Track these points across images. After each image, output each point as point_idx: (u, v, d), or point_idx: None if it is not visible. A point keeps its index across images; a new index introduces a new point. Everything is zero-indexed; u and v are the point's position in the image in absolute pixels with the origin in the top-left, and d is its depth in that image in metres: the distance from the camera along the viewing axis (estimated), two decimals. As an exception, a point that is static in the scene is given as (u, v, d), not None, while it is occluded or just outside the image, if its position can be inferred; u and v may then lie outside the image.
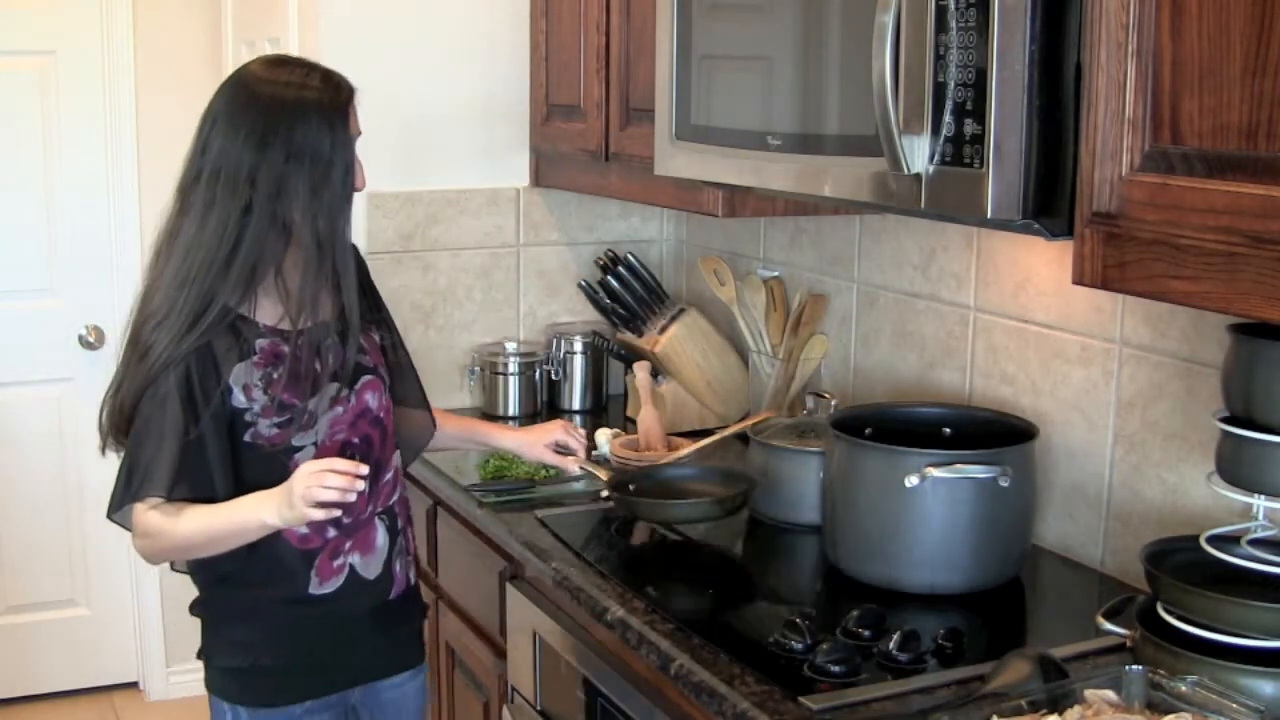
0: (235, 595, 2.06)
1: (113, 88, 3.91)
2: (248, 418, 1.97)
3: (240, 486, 1.96)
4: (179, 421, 1.93)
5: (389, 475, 2.13)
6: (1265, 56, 1.34)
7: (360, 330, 2.06)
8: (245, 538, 1.94)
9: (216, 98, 2.07)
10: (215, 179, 1.96)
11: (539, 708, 2.30)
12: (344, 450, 2.02)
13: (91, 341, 4.00)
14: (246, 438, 1.97)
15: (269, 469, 1.96)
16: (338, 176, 1.97)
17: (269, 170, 1.94)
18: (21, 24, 3.81)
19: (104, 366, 4.00)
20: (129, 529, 2.00)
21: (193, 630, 2.15)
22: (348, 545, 2.05)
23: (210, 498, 1.95)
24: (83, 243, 3.95)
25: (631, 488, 2.33)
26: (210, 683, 2.11)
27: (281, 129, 1.94)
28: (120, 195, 3.96)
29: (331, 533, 2.03)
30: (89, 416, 3.95)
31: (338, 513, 1.89)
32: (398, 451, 2.16)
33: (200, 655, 2.13)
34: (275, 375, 1.97)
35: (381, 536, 2.09)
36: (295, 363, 1.98)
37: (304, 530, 2.00)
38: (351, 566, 2.06)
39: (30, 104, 3.86)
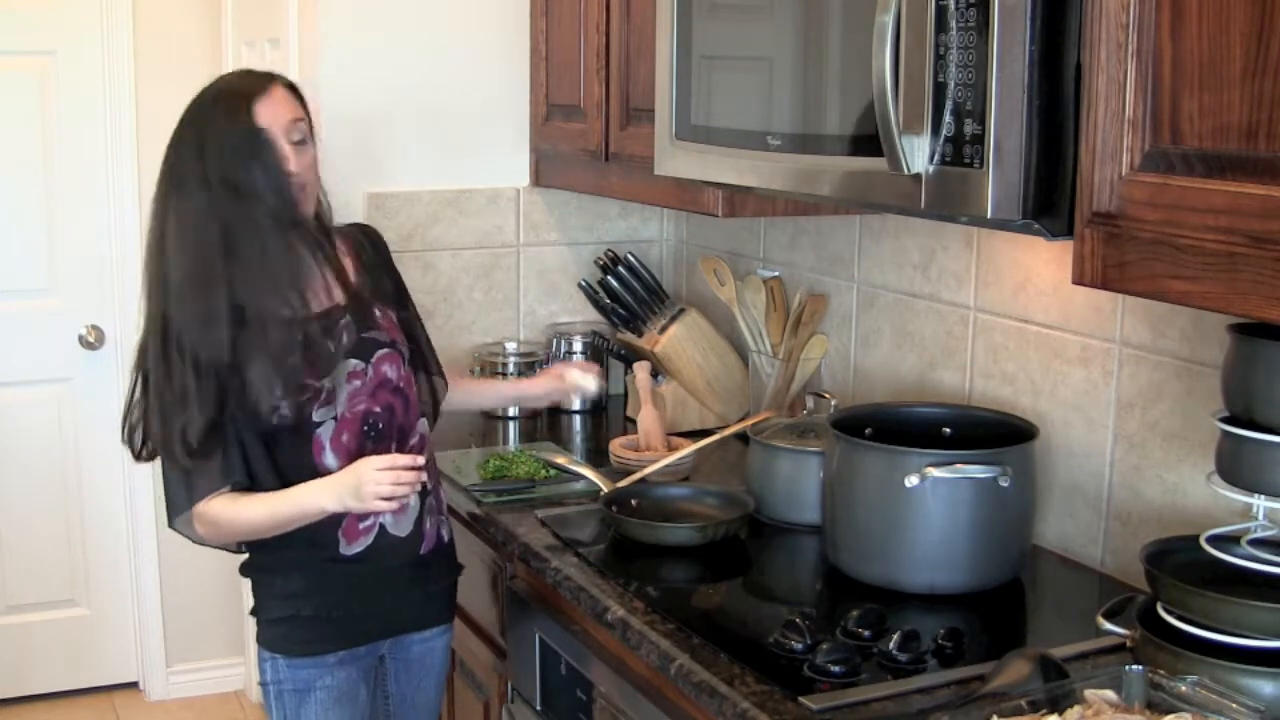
0: (277, 554, 2.17)
1: (113, 88, 3.90)
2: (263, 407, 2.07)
3: (274, 464, 2.10)
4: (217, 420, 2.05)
5: (415, 439, 2.24)
6: (1265, 56, 1.34)
7: (378, 307, 2.21)
8: (306, 520, 2.10)
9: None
10: (169, 183, 2.11)
11: (539, 708, 2.30)
12: (366, 419, 2.14)
13: (91, 341, 4.00)
14: (274, 420, 2.07)
15: (296, 444, 2.10)
16: (258, 161, 2.04)
17: (204, 166, 2.05)
18: (21, 24, 3.81)
19: (104, 366, 4.02)
20: (189, 534, 2.13)
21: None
22: None
23: (254, 481, 2.09)
24: (83, 243, 3.95)
25: (631, 504, 2.35)
26: (259, 636, 2.25)
27: (194, 127, 2.09)
28: (120, 195, 3.95)
29: None
30: (89, 416, 4.02)
31: (397, 506, 2.09)
32: (423, 419, 2.28)
33: (252, 612, 2.27)
34: (291, 361, 2.07)
35: (412, 497, 2.16)
36: (309, 348, 2.08)
37: None
38: (382, 526, 2.17)
39: (30, 104, 3.86)
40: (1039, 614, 2.10)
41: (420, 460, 2.08)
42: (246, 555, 2.23)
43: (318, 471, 2.11)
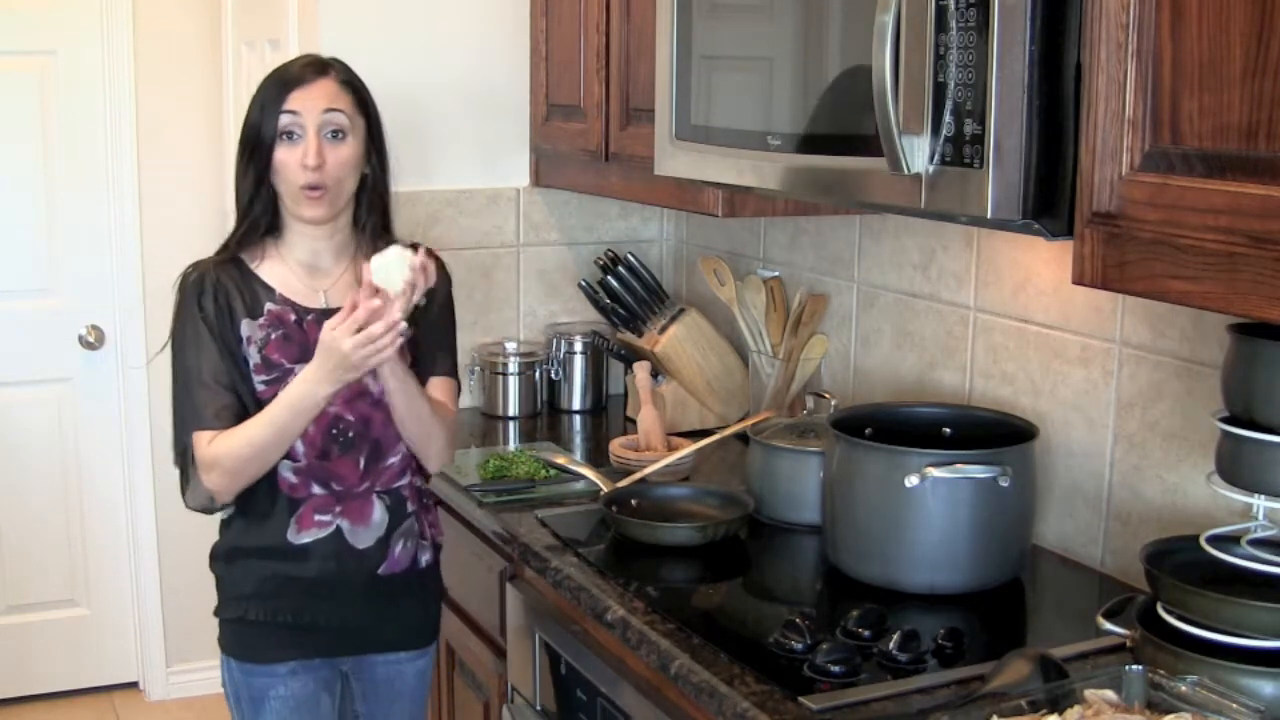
0: (235, 544, 2.19)
1: (113, 88, 3.90)
2: (248, 370, 2.11)
3: None
4: (214, 361, 2.09)
5: (394, 459, 2.20)
6: (1265, 56, 1.34)
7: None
8: (307, 417, 2.07)
9: None
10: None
11: (539, 708, 2.30)
12: (334, 424, 2.13)
13: (91, 341, 4.00)
14: (253, 384, 2.11)
15: None
16: (262, 144, 2.10)
17: (241, 132, 2.15)
18: (21, 24, 3.81)
19: (104, 366, 4.02)
20: (203, 501, 2.15)
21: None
22: (337, 509, 2.16)
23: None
24: (83, 243, 3.95)
25: (631, 504, 2.35)
26: (219, 638, 2.25)
27: (252, 99, 2.14)
28: (120, 195, 3.96)
29: (317, 490, 2.15)
30: (89, 416, 4.02)
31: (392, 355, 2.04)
32: (403, 442, 2.19)
33: (215, 612, 2.27)
34: (273, 336, 2.12)
35: (379, 513, 2.18)
36: (294, 329, 2.12)
37: (294, 480, 2.14)
38: (339, 529, 2.16)
39: (30, 104, 3.86)
40: (1039, 614, 2.10)
41: (395, 315, 1.98)
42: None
43: (289, 455, 2.11)
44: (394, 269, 2.00)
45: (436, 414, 2.19)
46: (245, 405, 2.10)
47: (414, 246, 2.08)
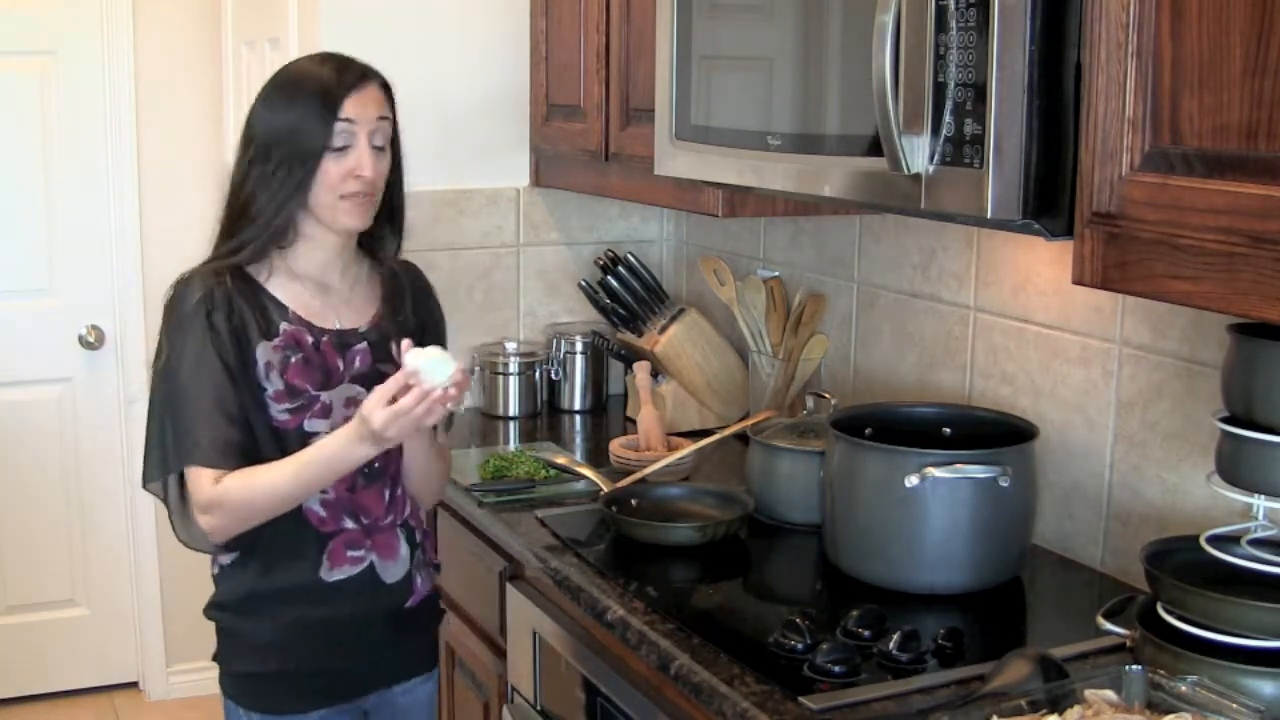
0: (242, 587, 2.05)
1: (113, 88, 3.91)
2: (265, 398, 1.98)
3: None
4: (222, 388, 1.93)
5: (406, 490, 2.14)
6: (1265, 56, 1.34)
7: (396, 345, 2.00)
8: (335, 477, 1.96)
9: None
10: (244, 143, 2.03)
11: (539, 708, 2.30)
12: None
13: (91, 341, 4.00)
14: (272, 413, 1.98)
15: (284, 451, 1.97)
16: (308, 153, 1.96)
17: (262, 136, 2.00)
18: (21, 24, 3.81)
19: (104, 366, 4.02)
20: (195, 536, 2.02)
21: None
22: (368, 543, 2.06)
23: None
24: (83, 243, 3.96)
25: (631, 504, 2.35)
26: (224, 686, 2.12)
27: (280, 103, 1.99)
28: (120, 195, 3.96)
29: (349, 524, 2.04)
30: (89, 416, 4.02)
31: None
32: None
33: (215, 658, 2.14)
34: (292, 360, 1.99)
35: (404, 547, 2.11)
36: (312, 351, 2.00)
37: (323, 514, 2.02)
38: (372, 564, 2.06)
39: (30, 104, 3.86)
40: (1039, 614, 2.10)
41: (442, 379, 1.88)
42: (213, 593, 2.10)
43: None
44: (435, 370, 1.90)
45: (442, 462, 2.17)
46: (254, 438, 1.96)
47: (402, 261, 2.11)
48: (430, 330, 2.18)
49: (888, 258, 2.61)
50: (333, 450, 1.92)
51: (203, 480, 1.93)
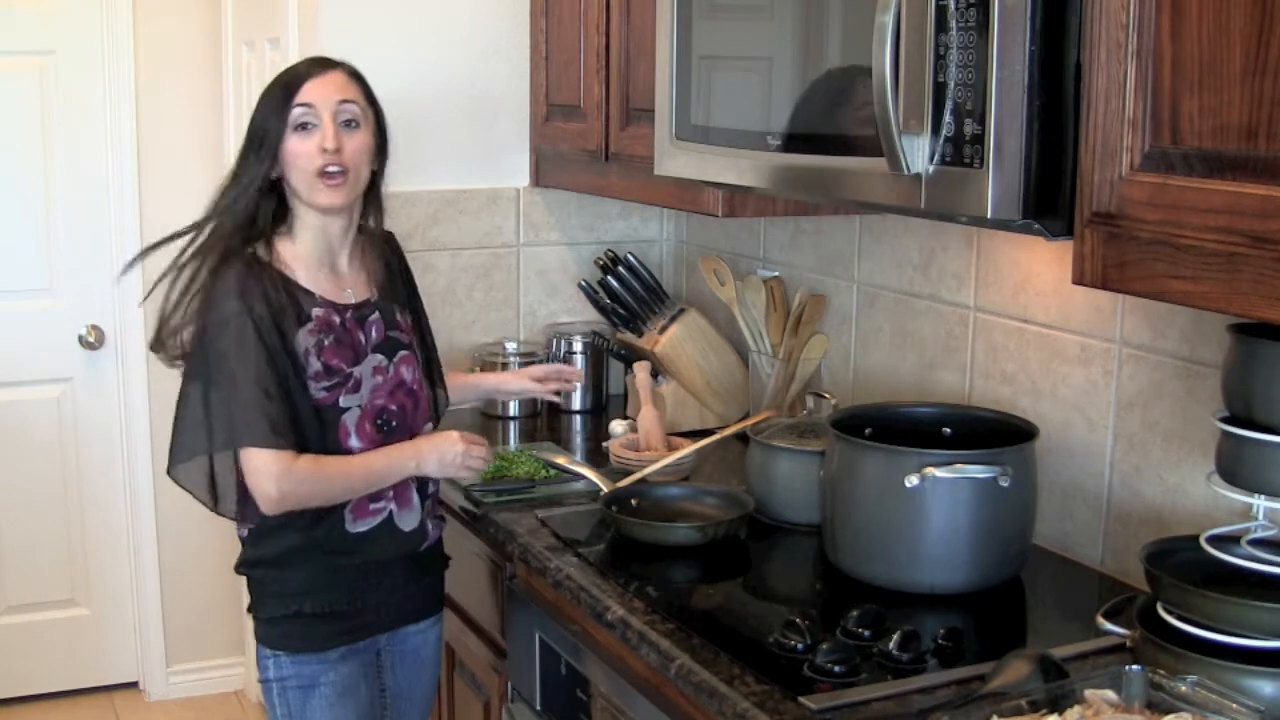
0: (278, 542, 2.18)
1: (113, 88, 3.91)
2: (306, 379, 2.12)
3: (303, 440, 2.11)
4: (267, 374, 2.07)
5: None
6: (1265, 56, 1.34)
7: (396, 310, 2.28)
8: (393, 480, 2.20)
9: None
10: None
11: (539, 708, 2.30)
12: (381, 414, 2.20)
13: (91, 341, 4.00)
14: (312, 394, 2.13)
15: (322, 426, 2.14)
16: (264, 146, 2.13)
17: (246, 133, 2.18)
18: (21, 24, 3.81)
19: (104, 366, 4.02)
20: (261, 505, 2.11)
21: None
22: (389, 494, 2.22)
23: (303, 449, 2.11)
24: (83, 243, 3.95)
25: (631, 504, 2.35)
26: (257, 633, 2.27)
27: (259, 101, 2.17)
28: (120, 195, 3.96)
29: None
30: (89, 416, 4.02)
31: (470, 477, 2.37)
32: (429, 424, 2.32)
33: (249, 610, 2.29)
34: (326, 342, 2.14)
35: (417, 497, 2.27)
36: (340, 331, 2.17)
37: None
38: (390, 513, 2.23)
39: (30, 104, 3.86)
40: (1039, 614, 2.10)
41: (484, 443, 2.25)
42: (242, 550, 2.25)
43: (343, 454, 2.15)
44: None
45: None
46: (300, 417, 2.10)
47: (383, 231, 2.32)
48: (413, 293, 2.39)
49: (888, 258, 2.61)
50: (401, 458, 2.18)
51: (268, 460, 2.06)
